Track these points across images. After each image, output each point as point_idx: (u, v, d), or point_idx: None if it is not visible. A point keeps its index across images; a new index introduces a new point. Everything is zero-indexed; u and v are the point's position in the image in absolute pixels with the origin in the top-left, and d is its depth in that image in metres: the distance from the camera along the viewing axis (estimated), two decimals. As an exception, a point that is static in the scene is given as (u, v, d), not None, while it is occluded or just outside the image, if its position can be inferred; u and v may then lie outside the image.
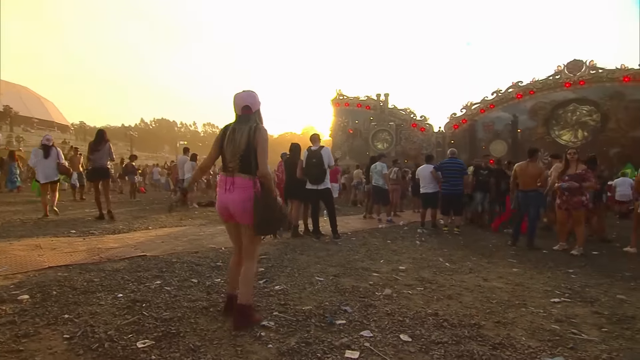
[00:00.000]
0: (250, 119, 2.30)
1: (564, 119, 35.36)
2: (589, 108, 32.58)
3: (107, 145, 6.43)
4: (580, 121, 34.19)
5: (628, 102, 29.22)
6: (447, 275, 3.70)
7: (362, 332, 2.27)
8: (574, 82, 30.88)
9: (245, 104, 2.32)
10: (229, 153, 2.29)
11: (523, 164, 5.49)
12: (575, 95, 31.83)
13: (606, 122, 31.85)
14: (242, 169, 2.25)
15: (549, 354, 2.06)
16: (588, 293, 3.21)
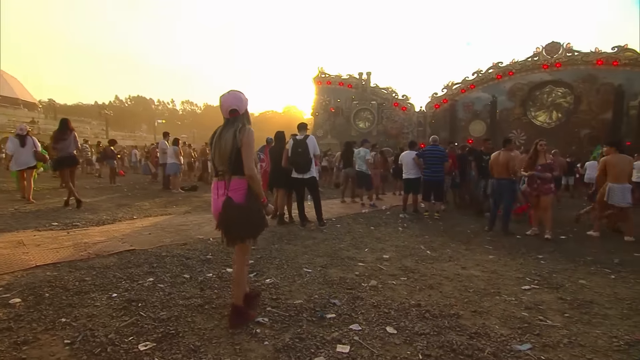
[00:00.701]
0: (237, 122, 2.30)
1: (540, 100, 36.37)
2: (563, 90, 33.57)
3: (73, 134, 6.47)
4: (555, 103, 35.28)
5: (600, 85, 30.21)
6: (428, 263, 3.92)
7: (351, 325, 2.42)
8: (550, 64, 31.55)
9: (232, 107, 2.31)
10: (217, 158, 2.31)
11: (495, 154, 5.73)
12: (552, 77, 32.64)
13: (579, 104, 32.96)
14: (233, 171, 2.26)
15: (518, 341, 2.28)
16: (555, 279, 3.49)
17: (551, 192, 5.26)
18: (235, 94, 2.35)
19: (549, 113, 36.30)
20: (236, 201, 2.23)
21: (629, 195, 5.23)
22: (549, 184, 5.25)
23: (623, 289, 3.32)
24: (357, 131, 51.59)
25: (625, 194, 5.24)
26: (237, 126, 2.27)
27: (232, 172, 2.27)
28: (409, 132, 48.39)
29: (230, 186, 2.26)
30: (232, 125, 2.29)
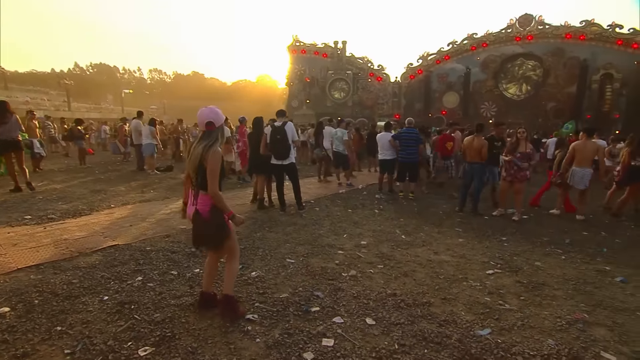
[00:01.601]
0: (212, 135, 2.40)
1: (511, 73, 37.20)
2: (533, 63, 34.40)
3: (14, 117, 6.25)
4: (525, 75, 36.21)
5: (567, 59, 31.17)
6: (403, 249, 4.20)
7: (334, 318, 2.65)
8: (523, 36, 32.02)
9: (208, 119, 2.40)
10: (191, 169, 2.42)
11: (469, 138, 5.99)
12: (523, 50, 33.27)
13: (547, 77, 34.01)
14: (202, 185, 2.39)
15: (480, 326, 2.60)
16: (515, 262, 3.86)
17: (526, 179, 5.61)
18: (213, 109, 2.47)
19: (519, 85, 37.34)
20: (203, 216, 2.38)
21: (588, 179, 5.70)
22: (525, 172, 5.59)
23: (570, 269, 3.74)
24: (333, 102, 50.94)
25: (584, 178, 5.70)
26: (208, 143, 2.36)
27: (199, 186, 2.40)
28: (384, 102, 48.46)
29: (197, 201, 2.42)
30: (206, 138, 2.39)
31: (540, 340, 2.44)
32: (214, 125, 2.41)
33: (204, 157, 2.32)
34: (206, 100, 74.00)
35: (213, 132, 2.41)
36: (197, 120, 2.48)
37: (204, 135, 2.41)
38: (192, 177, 2.42)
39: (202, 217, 2.38)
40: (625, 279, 3.51)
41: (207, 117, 2.40)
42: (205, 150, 2.33)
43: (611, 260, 4.03)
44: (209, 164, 2.32)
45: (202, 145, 2.35)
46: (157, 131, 9.56)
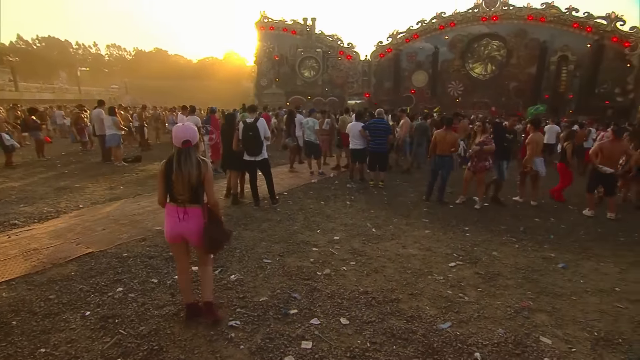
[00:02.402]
0: (191, 152, 2.51)
1: (477, 53, 38.14)
2: (498, 44, 35.39)
3: None
4: (490, 55, 37.24)
5: (528, 41, 32.31)
6: (373, 244, 4.46)
7: (311, 320, 2.86)
8: (488, 16, 32.62)
9: (186, 138, 2.48)
10: (180, 185, 2.50)
11: (442, 132, 6.26)
12: (489, 30, 34.02)
13: (510, 57, 35.19)
14: (193, 199, 2.55)
15: (442, 320, 2.91)
16: (474, 253, 4.24)
17: (485, 169, 5.99)
18: (189, 127, 2.55)
19: (484, 65, 38.46)
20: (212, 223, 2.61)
21: (543, 165, 6.23)
22: (484, 162, 5.96)
23: (522, 257, 4.16)
24: (303, 80, 50.17)
25: (542, 164, 6.23)
26: (197, 160, 2.50)
27: (190, 201, 2.54)
28: (354, 81, 48.37)
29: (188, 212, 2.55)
30: (189, 156, 2.49)
31: (492, 330, 2.79)
32: (190, 143, 2.50)
33: (202, 171, 2.50)
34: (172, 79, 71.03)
35: (191, 148, 2.51)
36: (173, 135, 2.52)
37: (183, 152, 2.48)
38: (181, 194, 2.51)
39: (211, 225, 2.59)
40: (566, 265, 3.97)
41: (185, 136, 2.48)
42: (203, 165, 2.51)
43: (556, 247, 4.51)
44: (207, 179, 2.53)
45: (195, 162, 2.48)
46: (120, 121, 9.18)
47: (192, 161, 2.47)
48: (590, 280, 3.66)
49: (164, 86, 56.15)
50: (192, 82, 57.36)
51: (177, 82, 56.89)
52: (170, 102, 51.97)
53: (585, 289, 3.47)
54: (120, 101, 48.16)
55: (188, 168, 2.46)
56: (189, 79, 57.75)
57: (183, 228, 2.56)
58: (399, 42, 40.26)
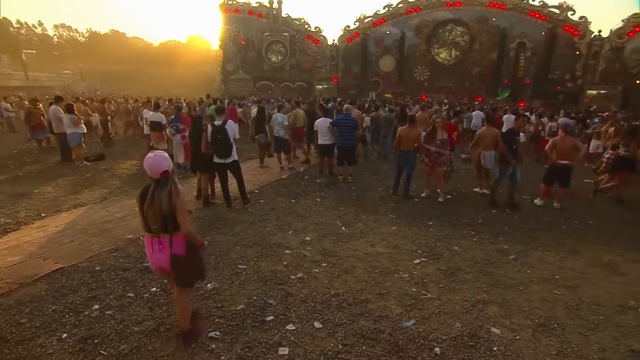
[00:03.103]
0: (169, 181, 2.50)
1: (442, 38, 39.01)
2: (461, 29, 36.37)
3: None
4: (455, 41, 38.24)
5: (490, 27, 33.42)
6: (343, 243, 4.69)
7: (287, 325, 3.05)
8: (452, 2, 33.25)
9: (164, 168, 2.47)
10: (151, 215, 2.51)
11: (405, 128, 6.52)
12: (453, 16, 34.78)
13: (473, 43, 36.31)
14: (165, 229, 2.54)
15: (406, 318, 3.19)
16: (437, 248, 4.57)
17: (444, 164, 6.34)
18: (163, 156, 2.51)
19: (449, 51, 39.49)
20: (183, 257, 2.56)
21: (493, 159, 6.66)
22: (442, 158, 6.30)
23: (479, 251, 4.55)
24: (270, 65, 49.18)
25: (491, 159, 6.64)
26: (171, 187, 2.48)
27: (163, 230, 2.54)
28: (322, 66, 48.03)
29: (162, 243, 2.55)
30: (165, 185, 2.48)
31: (450, 325, 3.10)
32: (168, 172, 2.49)
33: (174, 203, 2.45)
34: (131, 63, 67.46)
35: (169, 177, 2.50)
36: (146, 168, 2.48)
37: (160, 182, 2.47)
38: (155, 224, 2.51)
39: (183, 258, 2.57)
40: (516, 256, 4.40)
41: (162, 167, 2.45)
42: (174, 194, 2.45)
43: (509, 238, 4.95)
44: (179, 209, 2.47)
45: (167, 191, 2.44)
46: (79, 118, 8.71)
47: (166, 190, 2.45)
48: (535, 270, 4.09)
49: (124, 71, 53.10)
50: (154, 67, 54.55)
51: (137, 66, 53.91)
52: (131, 89, 49.46)
53: (530, 279, 3.89)
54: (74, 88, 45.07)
55: (160, 198, 2.44)
56: (150, 64, 54.89)
57: (159, 259, 2.59)
58: (366, 27, 40.34)
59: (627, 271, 4.13)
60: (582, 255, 4.50)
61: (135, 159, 9.74)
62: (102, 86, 48.48)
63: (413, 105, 17.25)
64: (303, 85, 44.11)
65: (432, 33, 37.04)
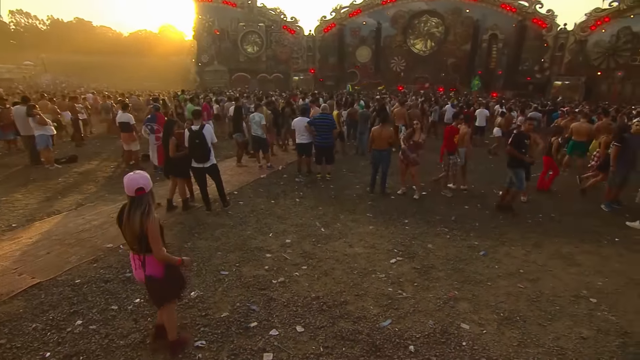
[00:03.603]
0: (144, 200, 2.49)
1: (418, 29, 39.48)
2: (436, 20, 36.92)
3: None
4: (430, 32, 38.80)
5: (464, 18, 34.11)
6: (323, 245, 4.84)
7: (270, 331, 3.18)
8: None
9: (139, 185, 2.47)
10: (129, 236, 2.55)
11: (377, 128, 6.69)
12: (428, 7, 35.19)
13: (447, 34, 36.99)
14: (145, 249, 2.56)
15: (383, 318, 3.39)
16: (412, 247, 4.80)
17: (417, 163, 6.57)
18: (142, 174, 2.52)
19: (424, 41, 40.02)
20: (155, 276, 2.61)
21: (463, 155, 6.97)
22: (416, 156, 6.52)
23: (452, 248, 4.81)
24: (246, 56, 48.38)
25: (461, 155, 6.96)
26: (144, 209, 2.48)
27: (144, 251, 2.56)
28: (298, 57, 47.68)
29: (146, 266, 2.59)
30: (139, 205, 2.48)
31: (424, 323, 3.32)
32: (144, 190, 2.50)
33: (144, 226, 2.46)
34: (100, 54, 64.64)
35: (144, 196, 2.50)
36: (124, 185, 2.50)
37: (135, 201, 2.48)
38: (132, 242, 2.56)
39: (158, 280, 2.60)
40: (486, 252, 4.69)
41: (137, 183, 2.46)
42: (145, 218, 2.46)
43: (480, 234, 5.25)
44: (150, 232, 2.47)
45: (139, 214, 2.45)
46: (43, 119, 8.26)
47: (139, 210, 2.45)
48: (503, 265, 4.39)
49: (92, 62, 50.73)
50: (125, 58, 52.34)
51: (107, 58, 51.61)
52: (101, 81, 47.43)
53: (498, 274, 4.18)
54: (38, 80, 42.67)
55: (134, 218, 2.45)
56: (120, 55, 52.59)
57: (140, 275, 2.65)
58: (343, 17, 40.23)
59: (582, 262, 4.50)
60: (545, 249, 4.85)
61: (109, 160, 9.53)
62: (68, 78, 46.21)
63: (392, 99, 17.50)
64: (280, 77, 43.66)
65: (408, 24, 37.44)
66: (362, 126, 10.29)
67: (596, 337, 3.18)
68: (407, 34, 37.87)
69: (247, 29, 41.66)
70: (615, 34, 26.87)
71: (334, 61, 41.26)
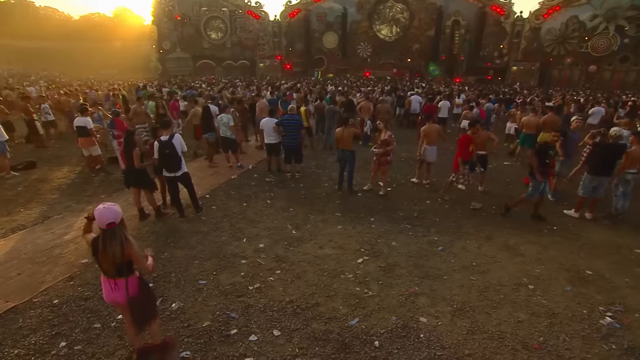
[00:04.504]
0: (116, 232, 2.64)
1: (383, 15, 39.94)
2: (401, 6, 37.43)
3: None
4: (395, 18, 39.35)
5: (428, 4, 34.76)
6: (294, 248, 5.13)
7: (250, 337, 3.46)
8: (391, -21, 33.57)
9: (109, 220, 2.60)
10: (105, 264, 2.70)
11: (340, 130, 6.99)
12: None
13: (412, 20, 37.66)
14: (120, 274, 2.74)
15: (352, 317, 3.76)
16: (378, 246, 5.20)
17: (388, 163, 6.94)
18: (111, 209, 2.63)
19: (390, 27, 40.54)
20: (138, 298, 2.82)
21: (435, 153, 7.44)
22: (386, 157, 6.88)
23: (414, 245, 5.26)
24: (210, 43, 47.07)
25: (432, 153, 7.44)
26: (122, 239, 2.65)
27: (118, 275, 2.75)
28: (264, 43, 46.93)
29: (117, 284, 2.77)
30: (114, 236, 2.63)
31: (387, 319, 3.73)
32: (114, 223, 2.63)
33: (127, 254, 2.65)
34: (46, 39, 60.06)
35: (116, 228, 2.64)
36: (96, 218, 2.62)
37: (108, 233, 2.61)
38: (109, 270, 2.71)
39: (139, 300, 2.80)
40: (444, 248, 5.17)
41: (108, 219, 2.59)
42: (125, 246, 2.64)
43: (439, 229, 5.74)
44: (134, 257, 2.70)
45: (118, 244, 2.62)
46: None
47: (117, 241, 2.60)
48: (458, 259, 4.88)
49: (36, 49, 47.05)
50: (76, 44, 48.74)
51: (55, 43, 47.92)
52: (51, 69, 44.14)
53: (453, 268, 4.67)
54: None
55: (112, 249, 2.60)
56: (71, 40, 48.89)
57: (115, 297, 2.82)
58: (308, 2, 39.76)
59: (525, 252, 5.10)
60: (495, 241, 5.41)
61: (72, 164, 9.23)
62: (11, 67, 42.74)
63: (357, 91, 17.77)
64: (246, 64, 42.78)
65: (374, 9, 37.65)
66: (330, 122, 10.56)
67: (530, 319, 3.73)
68: (373, 20, 38.10)
69: (210, 14, 40.19)
70: (565, 22, 28.46)
71: (300, 47, 40.90)
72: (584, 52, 28.61)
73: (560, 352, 3.33)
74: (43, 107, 11.22)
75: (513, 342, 3.43)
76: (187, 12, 37.15)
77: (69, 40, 49.88)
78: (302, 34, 40.27)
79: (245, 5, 38.17)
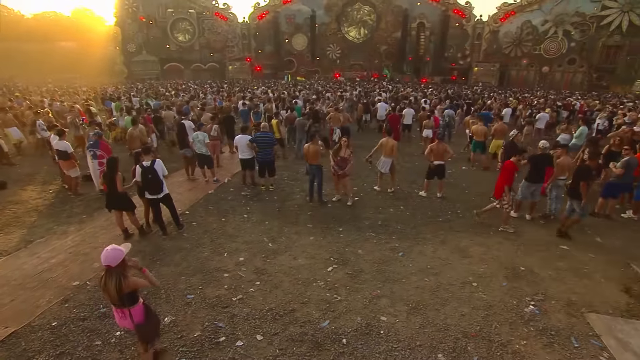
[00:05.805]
0: (113, 273, 3.01)
1: (351, 17, 40.87)
2: (368, 9, 38.52)
3: None
4: (362, 20, 40.42)
5: (394, 7, 36.02)
6: (271, 259, 5.68)
7: (236, 342, 4.01)
8: (358, -19, 34.52)
9: (106, 263, 3.03)
10: (109, 297, 3.14)
11: (306, 146, 7.59)
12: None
13: (379, 22, 38.90)
14: (124, 305, 3.18)
15: (323, 320, 4.39)
16: (345, 254, 5.85)
17: (347, 175, 7.60)
18: (110, 253, 3.04)
19: (358, 29, 41.52)
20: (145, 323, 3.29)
21: (388, 165, 8.18)
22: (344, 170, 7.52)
23: (377, 252, 5.95)
24: (177, 45, 46.31)
25: (386, 165, 8.18)
26: (117, 280, 3.04)
27: (128, 305, 3.19)
28: (234, 45, 46.70)
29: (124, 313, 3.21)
30: (110, 276, 3.05)
31: (354, 320, 4.38)
32: (111, 266, 3.04)
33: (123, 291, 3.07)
34: (0, 40, 55.07)
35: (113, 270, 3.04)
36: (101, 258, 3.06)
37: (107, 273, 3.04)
38: (113, 302, 3.15)
39: (145, 324, 3.26)
40: (404, 253, 5.90)
41: (105, 261, 3.02)
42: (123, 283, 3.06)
43: (401, 236, 6.47)
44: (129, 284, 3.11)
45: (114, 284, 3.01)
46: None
47: (112, 282, 3.01)
48: (416, 263, 5.62)
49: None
50: (28, 45, 46.13)
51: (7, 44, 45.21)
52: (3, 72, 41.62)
53: (411, 272, 5.39)
54: None
55: (108, 287, 3.03)
56: (22, 42, 46.21)
57: (124, 324, 3.30)
58: (277, 4, 39.98)
59: (473, 253, 5.92)
60: (448, 244, 6.20)
61: (46, 183, 9.24)
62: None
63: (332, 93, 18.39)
64: (215, 66, 42.37)
65: (342, 11, 38.45)
66: (300, 133, 11.14)
67: (471, 312, 4.51)
68: (341, 22, 38.90)
69: (177, 15, 39.48)
70: (520, 26, 30.45)
71: (270, 49, 41.04)
72: (538, 54, 30.74)
73: (492, 337, 4.11)
74: (39, 123, 10.91)
75: (456, 332, 4.18)
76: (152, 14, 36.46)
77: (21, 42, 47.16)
78: (271, 35, 40.48)
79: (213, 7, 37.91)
